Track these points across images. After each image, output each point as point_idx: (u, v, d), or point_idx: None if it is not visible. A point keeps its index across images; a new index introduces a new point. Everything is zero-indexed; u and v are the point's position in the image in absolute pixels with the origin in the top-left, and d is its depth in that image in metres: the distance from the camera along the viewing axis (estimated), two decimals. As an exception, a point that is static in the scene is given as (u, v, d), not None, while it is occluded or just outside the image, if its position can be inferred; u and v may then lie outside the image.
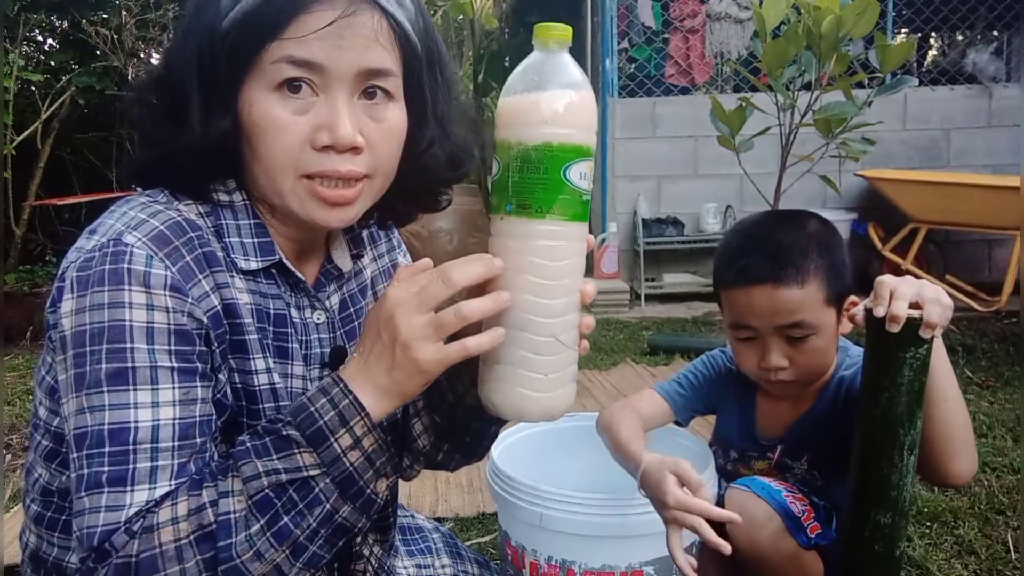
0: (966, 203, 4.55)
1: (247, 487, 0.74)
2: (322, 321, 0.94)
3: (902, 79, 3.01)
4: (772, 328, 1.30)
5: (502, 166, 0.78)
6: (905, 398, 1.08)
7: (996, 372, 3.38)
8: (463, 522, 2.10)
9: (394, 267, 1.09)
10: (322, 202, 0.84)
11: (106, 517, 0.74)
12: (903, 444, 1.10)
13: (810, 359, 1.31)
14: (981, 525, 1.99)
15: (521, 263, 0.78)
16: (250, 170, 0.85)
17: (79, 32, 5.66)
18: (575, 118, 0.78)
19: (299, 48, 0.79)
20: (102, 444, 0.75)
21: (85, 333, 0.77)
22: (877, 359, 1.11)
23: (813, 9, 2.76)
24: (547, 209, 0.77)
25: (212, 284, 0.82)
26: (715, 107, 3.08)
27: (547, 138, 0.76)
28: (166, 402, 0.77)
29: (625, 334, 4.39)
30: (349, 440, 0.76)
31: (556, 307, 0.79)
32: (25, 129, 5.48)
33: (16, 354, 3.96)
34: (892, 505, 1.12)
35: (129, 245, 0.78)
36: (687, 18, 5.75)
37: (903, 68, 5.25)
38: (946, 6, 5.58)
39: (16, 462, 2.61)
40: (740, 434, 1.45)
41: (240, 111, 0.82)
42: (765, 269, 1.28)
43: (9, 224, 5.56)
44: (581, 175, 0.78)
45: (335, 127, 0.81)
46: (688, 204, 5.58)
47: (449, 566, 1.19)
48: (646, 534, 1.23)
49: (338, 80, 0.81)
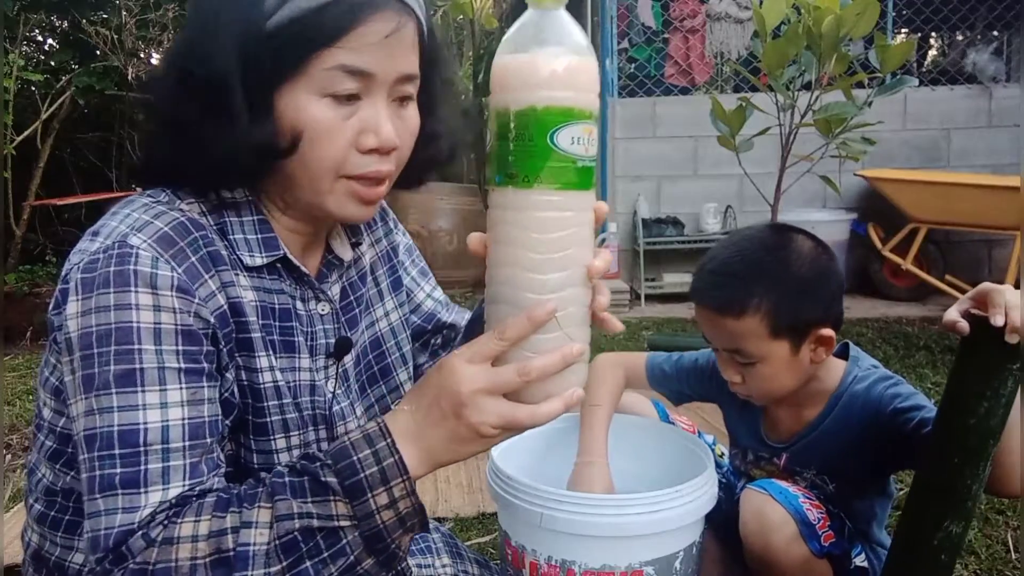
0: (966, 203, 4.55)
1: (277, 526, 0.74)
2: (327, 312, 0.95)
3: (902, 79, 3.02)
4: (723, 347, 1.33)
5: (493, 134, 0.75)
6: (1003, 410, 1.06)
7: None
8: (463, 522, 2.10)
9: (393, 250, 1.10)
10: (359, 200, 0.87)
11: (122, 519, 0.74)
12: (990, 455, 1.07)
13: (758, 383, 1.33)
14: (981, 525, 1.99)
15: (511, 235, 0.74)
16: (286, 172, 0.85)
17: (79, 32, 5.66)
18: (563, 78, 0.73)
19: (354, 58, 0.80)
20: (112, 446, 0.76)
21: (92, 335, 0.77)
22: (981, 367, 1.06)
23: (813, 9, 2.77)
24: (534, 178, 0.72)
25: (218, 283, 0.83)
26: (715, 107, 3.08)
27: (530, 101, 0.72)
28: (175, 403, 0.78)
29: (625, 334, 4.39)
30: (386, 499, 0.75)
31: (551, 282, 0.74)
32: (25, 129, 5.47)
33: (16, 354, 3.95)
34: (967, 515, 1.10)
35: (135, 247, 0.78)
36: (687, 18, 5.75)
37: (903, 68, 5.25)
38: (946, 6, 5.57)
39: (16, 462, 2.61)
40: (748, 435, 1.45)
41: (282, 114, 0.81)
42: (709, 294, 1.31)
43: (9, 224, 5.56)
44: (574, 139, 0.73)
45: (380, 131, 0.83)
46: (688, 204, 5.58)
47: (449, 566, 1.19)
48: (646, 534, 1.22)
49: (382, 86, 0.83)
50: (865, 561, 1.36)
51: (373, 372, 1.03)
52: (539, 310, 0.73)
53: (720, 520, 1.36)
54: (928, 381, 3.21)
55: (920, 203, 4.74)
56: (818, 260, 1.32)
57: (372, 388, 1.03)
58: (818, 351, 1.31)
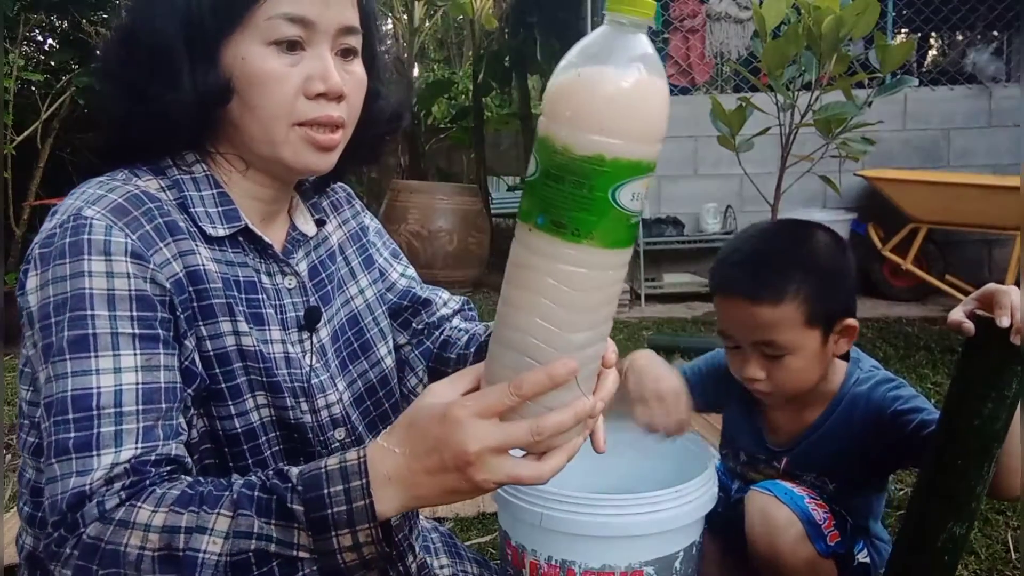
0: (966, 203, 4.55)
1: (232, 541, 0.71)
2: (293, 286, 0.96)
3: (902, 79, 3.02)
4: (748, 341, 1.30)
5: (540, 168, 0.65)
6: (1007, 411, 1.05)
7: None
8: (463, 522, 2.10)
9: (362, 230, 1.11)
10: (315, 147, 0.89)
11: (75, 481, 0.74)
12: (994, 456, 1.07)
13: (785, 376, 1.30)
14: (981, 525, 1.99)
15: (541, 285, 0.66)
16: (237, 125, 0.88)
17: (79, 32, 5.66)
18: (640, 125, 0.63)
19: (293, 5, 0.84)
20: (66, 411, 0.76)
21: (49, 305, 0.78)
22: (986, 368, 1.06)
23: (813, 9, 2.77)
24: (585, 233, 0.64)
25: (174, 251, 0.84)
26: (715, 107, 3.08)
27: (599, 148, 0.62)
28: (128, 367, 0.78)
29: (625, 334, 4.39)
30: (350, 542, 0.71)
31: (577, 341, 0.68)
32: (25, 129, 5.47)
33: (16, 354, 3.95)
34: (970, 517, 1.10)
35: (88, 218, 0.80)
36: (687, 18, 5.75)
37: (903, 68, 5.25)
38: (946, 6, 5.57)
39: (16, 462, 2.61)
40: (748, 437, 1.44)
41: (227, 65, 0.85)
42: (742, 283, 1.28)
43: (9, 224, 5.56)
44: (634, 195, 0.64)
45: (327, 76, 0.86)
46: (688, 204, 5.58)
47: (448, 566, 1.19)
48: (646, 534, 1.22)
49: (323, 35, 0.87)
50: (867, 557, 1.36)
51: (353, 348, 1.03)
52: (562, 369, 0.68)
53: (716, 521, 1.36)
54: (928, 381, 3.21)
55: (920, 203, 4.74)
56: (840, 251, 1.33)
57: (353, 364, 1.02)
58: (840, 343, 1.31)
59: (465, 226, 5.81)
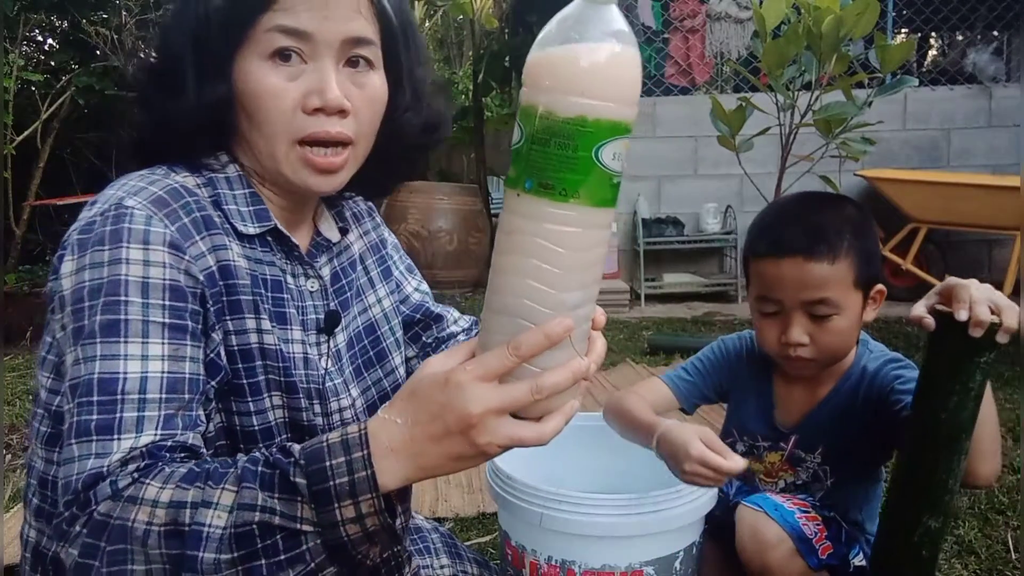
0: (966, 203, 4.55)
1: (236, 514, 0.71)
2: (316, 289, 0.97)
3: (902, 79, 3.02)
4: (798, 302, 1.28)
5: (525, 135, 0.68)
6: (972, 403, 1.06)
7: (996, 372, 3.37)
8: (463, 522, 2.10)
9: (381, 242, 1.13)
10: (313, 169, 0.88)
11: (93, 463, 0.75)
12: (963, 448, 1.07)
13: (831, 339, 1.30)
14: (981, 525, 1.99)
15: (532, 247, 0.69)
16: (246, 138, 0.89)
17: (79, 32, 5.66)
18: (617, 87, 0.67)
19: (289, 18, 0.84)
20: (91, 393, 0.77)
21: (84, 289, 0.80)
22: (949, 362, 1.07)
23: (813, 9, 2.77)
24: (572, 192, 0.67)
25: (209, 245, 0.85)
26: (715, 107, 3.08)
27: (581, 110, 0.65)
28: (155, 356, 0.79)
29: (625, 334, 4.39)
30: (352, 513, 0.72)
31: (570, 300, 0.70)
32: (25, 129, 5.48)
33: (16, 354, 3.96)
34: (944, 509, 1.10)
35: (129, 207, 0.82)
36: (687, 18, 5.75)
37: (903, 68, 5.25)
38: (946, 6, 5.58)
39: (16, 462, 2.61)
40: (758, 419, 1.43)
41: (236, 81, 0.86)
42: (799, 241, 1.28)
43: (9, 224, 5.56)
44: (615, 155, 0.68)
45: (324, 90, 0.86)
46: (688, 204, 5.58)
47: (448, 566, 1.19)
48: (646, 534, 1.23)
49: (325, 48, 0.86)
50: (863, 560, 1.36)
51: (369, 356, 1.04)
52: (558, 327, 0.69)
53: (715, 524, 1.36)
54: (928, 381, 3.22)
55: (920, 203, 4.74)
56: (868, 219, 1.36)
57: (368, 372, 1.04)
58: (869, 310, 1.33)
59: (465, 226, 5.81)
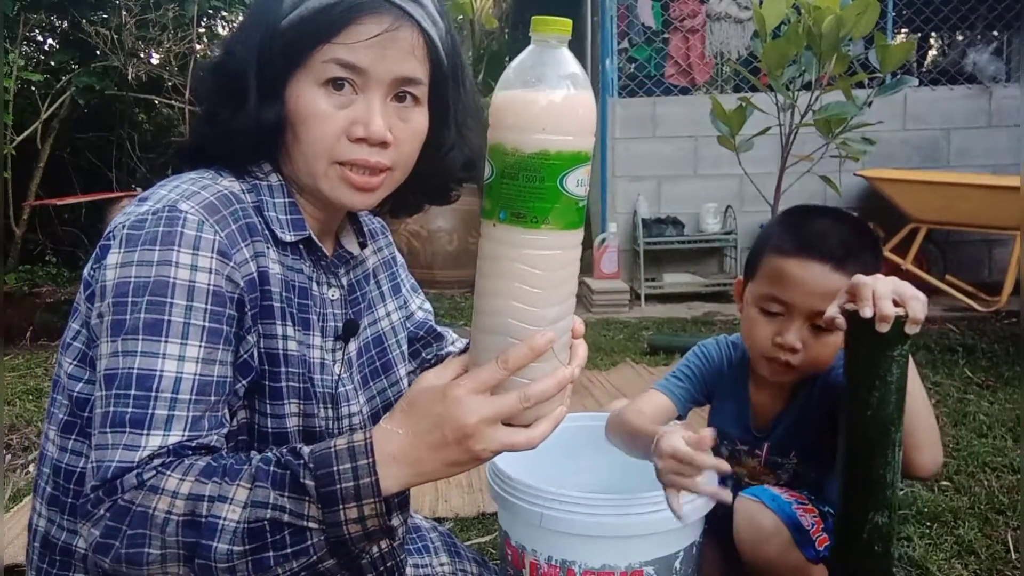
0: (966, 203, 4.55)
1: (250, 510, 0.78)
2: (336, 298, 1.02)
3: (902, 79, 3.02)
4: (807, 308, 1.28)
5: (496, 171, 0.76)
6: (895, 396, 1.08)
7: (996, 372, 3.38)
8: (463, 522, 2.10)
9: (393, 259, 1.19)
10: (350, 186, 0.93)
11: (122, 455, 0.80)
12: (894, 441, 1.10)
13: (821, 351, 1.30)
14: (981, 525, 1.99)
15: (512, 271, 0.77)
16: (290, 153, 0.94)
17: (79, 32, 5.65)
18: (574, 122, 0.75)
19: (347, 52, 0.89)
20: (129, 386, 0.81)
21: (129, 284, 0.84)
22: (865, 359, 1.10)
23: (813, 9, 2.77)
24: (542, 219, 0.75)
25: (251, 252, 0.90)
26: (715, 107, 3.09)
27: (544, 145, 0.74)
28: (191, 358, 0.84)
29: (625, 334, 4.39)
30: (356, 515, 0.79)
31: (550, 315, 0.78)
32: (25, 129, 5.48)
33: (16, 354, 3.95)
34: (888, 504, 1.12)
35: (183, 211, 0.86)
36: (687, 18, 5.75)
37: (903, 68, 5.25)
38: (946, 6, 5.57)
39: (16, 462, 2.61)
40: (735, 423, 1.44)
41: (288, 100, 0.91)
42: (834, 250, 1.28)
43: (9, 224, 5.57)
44: (578, 182, 0.76)
45: (369, 123, 0.90)
46: (688, 204, 5.58)
47: (447, 565, 1.19)
48: (646, 534, 1.23)
49: (376, 83, 0.91)
50: None
51: (376, 367, 1.08)
52: (541, 340, 0.77)
53: (714, 522, 1.36)
54: (928, 381, 3.22)
55: (920, 203, 4.74)
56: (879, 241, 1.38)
57: (374, 381, 1.08)
58: None
59: (465, 226, 5.81)
